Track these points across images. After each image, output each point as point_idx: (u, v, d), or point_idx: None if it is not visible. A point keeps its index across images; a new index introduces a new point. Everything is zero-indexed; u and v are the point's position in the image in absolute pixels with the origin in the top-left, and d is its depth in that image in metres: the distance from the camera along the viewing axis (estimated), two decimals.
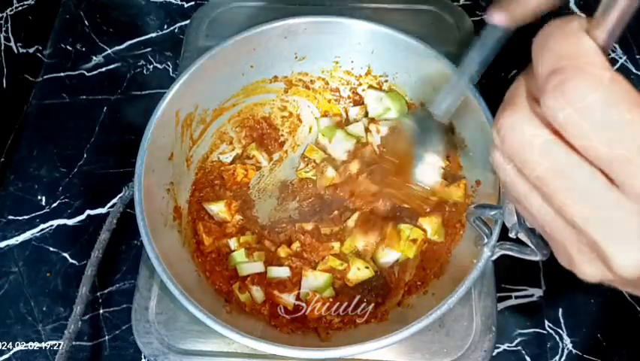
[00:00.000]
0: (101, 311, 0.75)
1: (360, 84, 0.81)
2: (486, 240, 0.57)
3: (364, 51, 0.77)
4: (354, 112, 0.80)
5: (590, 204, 0.27)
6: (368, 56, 0.77)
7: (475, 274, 0.58)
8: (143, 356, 0.72)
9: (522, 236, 0.46)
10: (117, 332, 0.74)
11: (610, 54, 0.90)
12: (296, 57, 0.78)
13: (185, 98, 0.71)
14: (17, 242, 0.79)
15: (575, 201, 0.28)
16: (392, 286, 0.67)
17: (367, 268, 0.67)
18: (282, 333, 0.64)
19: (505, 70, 0.90)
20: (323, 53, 0.78)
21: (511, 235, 0.46)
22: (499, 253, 0.57)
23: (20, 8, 0.89)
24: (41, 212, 0.81)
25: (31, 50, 0.92)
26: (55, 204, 0.82)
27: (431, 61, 0.72)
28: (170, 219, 0.69)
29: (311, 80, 0.81)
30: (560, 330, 0.73)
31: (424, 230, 0.68)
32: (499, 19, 0.49)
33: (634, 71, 0.90)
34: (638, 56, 0.91)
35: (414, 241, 0.67)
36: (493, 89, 0.88)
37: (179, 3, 0.99)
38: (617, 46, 0.92)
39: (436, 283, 0.65)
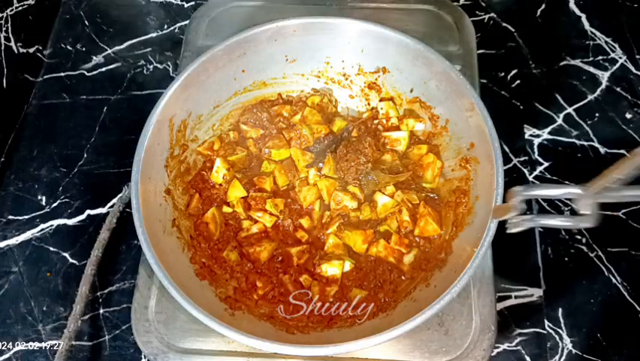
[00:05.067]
0: (101, 311, 0.75)
1: (352, 82, 0.81)
2: (512, 214, 0.56)
3: (354, 50, 0.77)
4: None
5: None
6: (358, 54, 0.78)
7: (482, 251, 0.59)
8: (143, 356, 0.72)
9: (592, 211, 0.49)
10: (117, 331, 0.74)
11: (610, 54, 0.91)
12: (287, 59, 0.78)
13: (178, 105, 0.72)
14: (17, 242, 0.79)
15: None
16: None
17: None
18: (282, 332, 0.64)
19: (506, 70, 0.90)
20: (314, 54, 0.78)
21: (583, 211, 0.49)
22: (527, 225, 0.56)
23: (20, 8, 0.89)
24: (41, 212, 0.81)
25: (31, 50, 0.92)
26: (55, 204, 0.82)
27: (421, 55, 0.72)
28: (168, 226, 0.69)
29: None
30: (559, 330, 0.73)
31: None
32: None
33: (634, 71, 0.90)
34: (638, 56, 0.91)
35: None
36: (493, 89, 0.89)
37: (179, 3, 0.99)
38: (616, 46, 0.92)
39: (438, 275, 0.65)
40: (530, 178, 0.82)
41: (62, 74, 0.93)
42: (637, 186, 0.44)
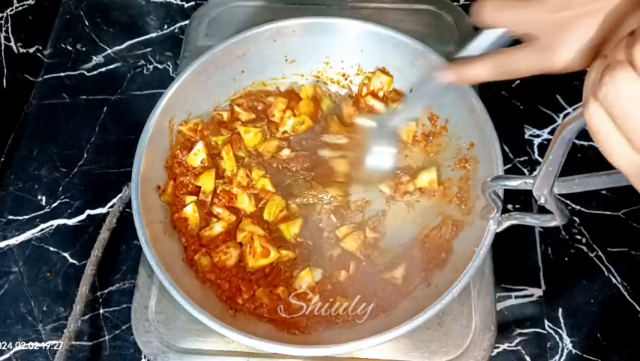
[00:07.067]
0: (101, 311, 0.75)
1: (352, 82, 0.81)
2: (493, 213, 0.58)
3: (354, 50, 0.77)
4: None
5: None
6: (358, 54, 0.78)
7: (482, 251, 0.59)
8: (143, 356, 0.72)
9: (549, 204, 0.48)
10: (117, 331, 0.74)
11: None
12: (286, 60, 0.78)
13: (177, 106, 0.72)
14: (17, 242, 0.80)
15: None
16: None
17: None
18: (283, 332, 0.64)
19: None
20: (313, 54, 0.78)
21: (540, 202, 0.48)
22: (506, 223, 0.58)
23: (20, 8, 0.89)
24: (41, 212, 0.81)
25: (31, 50, 0.92)
26: (55, 204, 0.82)
27: (421, 56, 0.72)
28: (169, 226, 0.69)
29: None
30: (559, 330, 0.73)
31: None
32: (448, 77, 0.60)
33: None
34: None
35: None
36: (493, 88, 0.88)
37: (179, 3, 0.99)
38: None
39: (440, 275, 0.65)
40: None
41: (62, 74, 0.93)
42: (587, 175, 0.44)
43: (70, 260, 0.78)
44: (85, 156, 0.86)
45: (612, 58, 0.30)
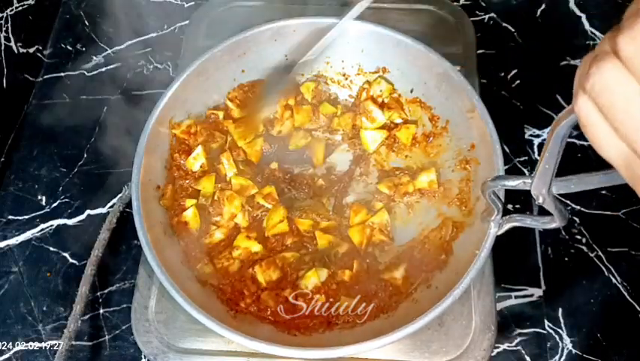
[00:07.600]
0: (101, 311, 0.75)
1: (352, 82, 0.81)
2: (494, 215, 0.58)
3: (354, 50, 0.77)
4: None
5: None
6: (358, 54, 0.78)
7: (483, 253, 0.59)
8: (143, 356, 0.72)
9: (547, 203, 0.48)
10: (117, 331, 0.74)
11: None
12: (286, 59, 0.78)
13: (177, 106, 0.72)
14: (17, 242, 0.79)
15: None
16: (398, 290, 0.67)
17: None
18: (284, 333, 0.64)
19: (505, 70, 0.90)
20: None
21: (539, 202, 0.48)
22: (507, 226, 0.58)
23: (20, 8, 0.89)
24: (41, 212, 0.81)
25: (31, 50, 0.92)
26: (55, 204, 0.82)
27: (421, 55, 0.72)
28: (169, 227, 0.68)
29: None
30: (559, 330, 0.73)
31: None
32: None
33: None
34: None
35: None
36: (493, 89, 0.88)
37: (179, 3, 0.99)
38: None
39: (440, 276, 0.65)
40: None
41: (62, 74, 0.93)
42: (584, 174, 0.44)
43: (70, 260, 0.78)
44: (85, 156, 0.85)
45: (599, 50, 0.31)
